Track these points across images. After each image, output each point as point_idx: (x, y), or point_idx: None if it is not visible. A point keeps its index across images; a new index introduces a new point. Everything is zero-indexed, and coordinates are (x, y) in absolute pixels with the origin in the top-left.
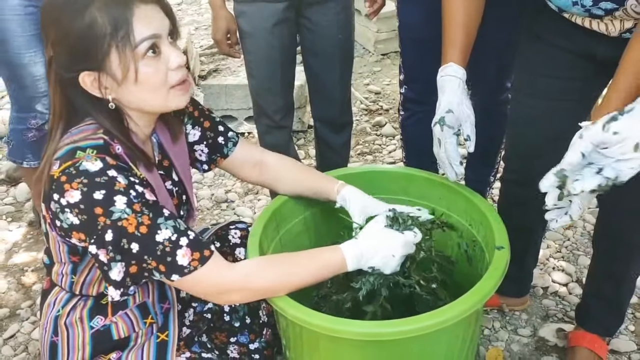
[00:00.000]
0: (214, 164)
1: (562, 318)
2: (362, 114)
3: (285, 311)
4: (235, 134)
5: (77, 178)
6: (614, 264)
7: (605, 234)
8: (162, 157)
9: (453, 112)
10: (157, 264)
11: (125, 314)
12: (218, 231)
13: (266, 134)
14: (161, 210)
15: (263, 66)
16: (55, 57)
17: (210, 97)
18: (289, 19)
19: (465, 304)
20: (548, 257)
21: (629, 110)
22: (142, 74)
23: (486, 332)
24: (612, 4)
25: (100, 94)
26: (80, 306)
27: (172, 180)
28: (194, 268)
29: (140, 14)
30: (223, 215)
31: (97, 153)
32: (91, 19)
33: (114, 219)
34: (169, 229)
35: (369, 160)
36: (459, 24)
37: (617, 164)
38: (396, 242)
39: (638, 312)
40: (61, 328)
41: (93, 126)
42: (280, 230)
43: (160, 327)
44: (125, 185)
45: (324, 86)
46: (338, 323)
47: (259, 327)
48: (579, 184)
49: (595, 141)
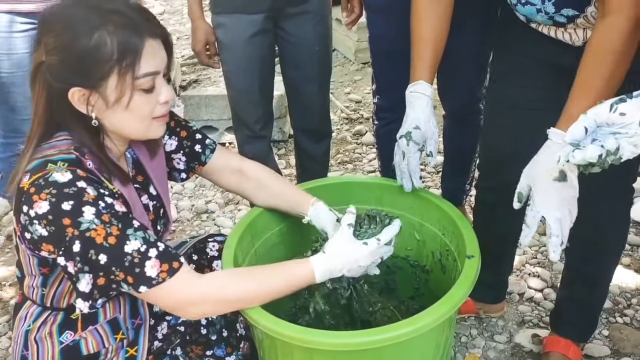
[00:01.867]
0: (193, 171)
1: (538, 324)
2: (343, 123)
3: (257, 322)
4: (213, 142)
5: (45, 189)
6: (586, 268)
7: (576, 239)
8: (137, 172)
9: (420, 129)
10: (125, 275)
11: (95, 329)
12: (196, 244)
13: (245, 144)
14: (131, 221)
15: (241, 77)
16: (48, 65)
17: (190, 107)
18: (267, 31)
19: (436, 312)
20: (524, 264)
21: (637, 95)
22: (134, 103)
23: (463, 339)
24: (573, 10)
25: (86, 111)
26: (50, 321)
27: (148, 194)
28: (163, 280)
29: (148, 48)
30: (203, 226)
31: (69, 166)
32: (100, 40)
33: (82, 230)
34: (138, 240)
35: (350, 169)
36: (427, 41)
37: (621, 140)
38: (361, 254)
39: (612, 317)
40: (31, 343)
41: (65, 142)
42: (256, 242)
43: (131, 342)
44: (94, 197)
45: (303, 97)
46: (310, 334)
47: (236, 340)
48: (579, 152)
49: (600, 119)
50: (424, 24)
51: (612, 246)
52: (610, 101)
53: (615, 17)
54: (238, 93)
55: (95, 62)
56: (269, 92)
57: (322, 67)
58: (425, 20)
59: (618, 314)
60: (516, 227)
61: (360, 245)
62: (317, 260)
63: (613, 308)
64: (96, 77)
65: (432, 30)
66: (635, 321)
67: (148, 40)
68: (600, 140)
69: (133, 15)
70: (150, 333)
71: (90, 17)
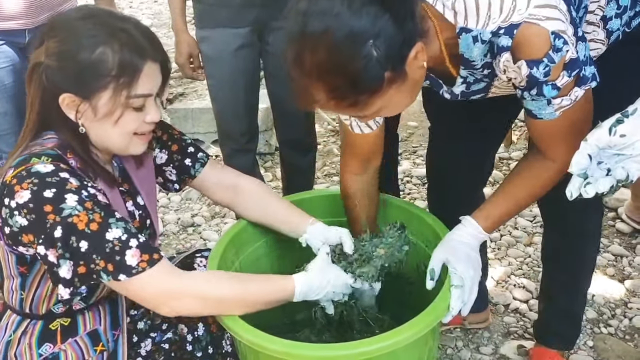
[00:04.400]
0: (184, 183)
1: (523, 335)
2: (329, 135)
3: (241, 336)
4: (205, 155)
5: (27, 179)
6: (564, 276)
7: (551, 249)
8: (123, 180)
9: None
10: (105, 263)
11: (75, 341)
12: (183, 259)
13: (231, 157)
14: (113, 212)
15: (226, 90)
16: (46, 67)
17: (176, 120)
18: (252, 44)
19: (417, 325)
20: (509, 275)
21: (633, 112)
22: (123, 119)
23: (449, 351)
24: (480, 94)
25: (74, 117)
26: (29, 331)
27: (135, 202)
28: (142, 269)
29: (147, 70)
30: (189, 240)
31: (52, 160)
32: (102, 55)
33: (64, 216)
34: (119, 229)
35: (336, 181)
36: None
37: (626, 163)
38: (339, 281)
39: (596, 327)
40: (11, 358)
41: (52, 140)
42: (240, 254)
43: (111, 354)
44: (77, 186)
45: (288, 110)
46: (292, 347)
47: (221, 357)
48: (591, 187)
49: (601, 144)
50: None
51: (590, 249)
52: (607, 124)
53: (553, 163)
54: (223, 106)
55: (94, 74)
56: (253, 105)
57: None
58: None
59: (602, 325)
60: None
61: (340, 273)
62: (300, 279)
63: (597, 318)
64: (91, 89)
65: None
66: (620, 331)
67: (148, 62)
68: (606, 163)
69: (139, 37)
70: (133, 350)
71: (98, 32)
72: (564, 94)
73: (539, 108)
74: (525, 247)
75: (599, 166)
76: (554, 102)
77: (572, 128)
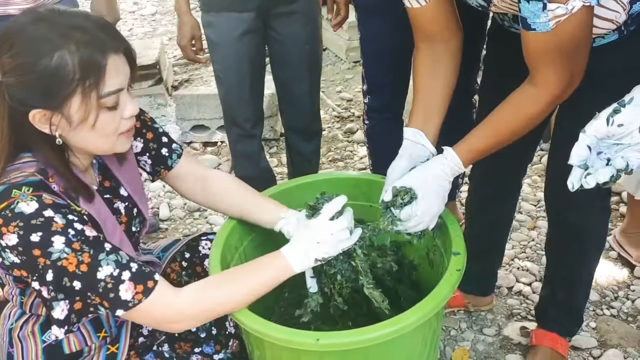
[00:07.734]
0: (158, 175)
1: (526, 317)
2: (334, 121)
3: (245, 324)
4: (179, 146)
5: (13, 221)
6: (565, 272)
7: (555, 242)
8: (103, 178)
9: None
10: (100, 300)
11: (78, 327)
12: (189, 242)
13: (237, 143)
14: (102, 245)
15: (232, 76)
16: (6, 86)
17: (182, 107)
18: (257, 29)
19: (422, 310)
20: (513, 258)
21: (629, 101)
22: (100, 121)
23: (452, 333)
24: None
25: (49, 131)
26: (32, 320)
27: (120, 197)
28: (139, 301)
29: (112, 65)
30: (196, 224)
31: (34, 191)
32: (60, 61)
33: (53, 260)
34: (110, 265)
35: (341, 167)
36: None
37: (625, 152)
38: (326, 226)
39: (599, 309)
40: (15, 340)
41: (29, 164)
42: (244, 240)
43: (113, 339)
44: (63, 225)
45: (293, 96)
46: (295, 335)
47: (225, 338)
48: (591, 178)
49: (599, 134)
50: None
51: (592, 249)
52: (605, 114)
53: (539, 90)
54: (228, 91)
55: (57, 83)
56: (259, 90)
57: (312, 66)
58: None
59: (605, 307)
60: (506, 218)
61: (323, 220)
62: (287, 249)
63: (600, 300)
64: (58, 99)
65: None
66: (622, 313)
67: (111, 56)
68: (605, 153)
69: (95, 31)
70: (135, 330)
71: (51, 36)
72: (560, 0)
73: (533, 14)
74: (529, 231)
75: (598, 156)
76: (549, 6)
77: (564, 48)
